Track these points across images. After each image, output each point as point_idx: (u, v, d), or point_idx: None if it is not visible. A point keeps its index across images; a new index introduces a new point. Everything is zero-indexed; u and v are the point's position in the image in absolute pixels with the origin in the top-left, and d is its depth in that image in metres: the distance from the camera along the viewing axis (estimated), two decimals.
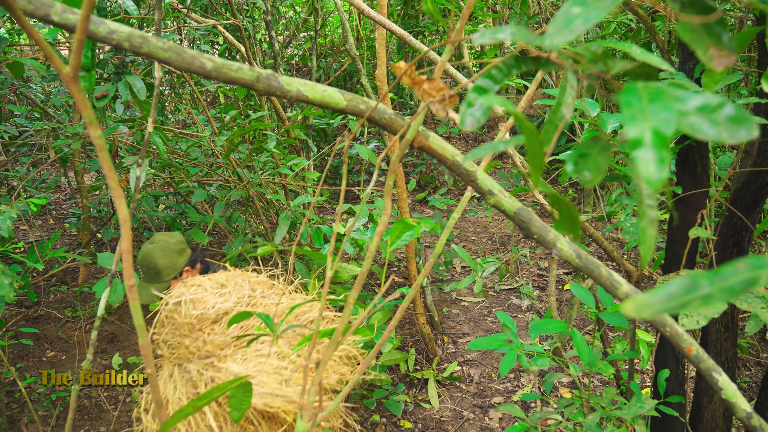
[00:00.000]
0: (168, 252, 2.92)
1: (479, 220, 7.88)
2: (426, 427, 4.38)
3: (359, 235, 3.42)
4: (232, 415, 1.20)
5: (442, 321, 5.52)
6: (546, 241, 1.05)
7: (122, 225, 0.86)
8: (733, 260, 0.46)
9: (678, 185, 2.61)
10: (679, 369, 2.98)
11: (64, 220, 6.92)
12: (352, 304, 1.09)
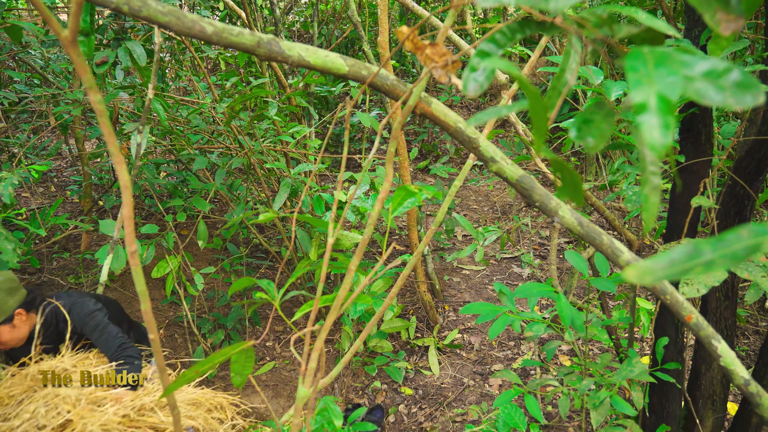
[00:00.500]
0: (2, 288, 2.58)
1: (481, 188, 7.87)
2: (426, 394, 4.43)
3: (361, 203, 3.42)
4: (234, 380, 1.21)
5: (443, 289, 5.55)
6: (548, 208, 1.05)
7: (123, 191, 0.86)
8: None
9: (681, 154, 2.60)
10: (679, 337, 3.00)
11: (66, 187, 6.92)
12: (353, 271, 1.09)
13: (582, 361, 2.81)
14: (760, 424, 3.01)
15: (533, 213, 7.07)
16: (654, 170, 0.55)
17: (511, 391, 2.79)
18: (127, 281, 5.32)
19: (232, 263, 5.06)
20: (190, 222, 6.22)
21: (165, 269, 3.80)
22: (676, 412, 3.14)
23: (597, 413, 2.54)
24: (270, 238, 6.06)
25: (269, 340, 5.01)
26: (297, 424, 1.23)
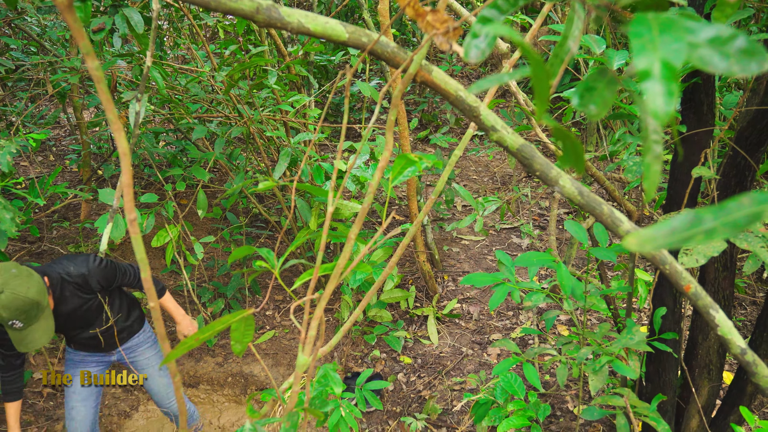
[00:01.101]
0: (23, 280, 2.48)
1: (481, 159, 7.84)
2: (425, 363, 4.46)
3: (360, 172, 3.42)
4: (234, 348, 1.22)
5: (442, 259, 5.57)
6: (548, 178, 1.04)
7: (122, 159, 0.85)
8: None
9: (683, 124, 2.58)
10: (676, 307, 3.01)
11: (65, 156, 6.90)
12: (353, 240, 1.09)
13: (580, 331, 2.83)
14: (755, 393, 3.04)
15: (533, 183, 7.06)
16: (656, 139, 0.55)
17: (510, 360, 2.81)
18: (127, 250, 5.33)
19: (231, 232, 5.07)
20: (190, 191, 6.22)
21: (165, 238, 3.81)
22: (673, 381, 3.17)
23: (596, 379, 2.56)
24: (269, 207, 6.06)
25: (269, 309, 5.04)
26: (297, 392, 1.24)
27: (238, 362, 4.52)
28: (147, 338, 3.22)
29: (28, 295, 2.44)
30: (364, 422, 4.00)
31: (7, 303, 2.39)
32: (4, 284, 2.41)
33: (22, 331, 2.50)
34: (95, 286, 2.84)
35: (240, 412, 4.33)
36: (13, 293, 2.41)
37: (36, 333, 2.52)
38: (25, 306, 2.44)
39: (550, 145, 3.05)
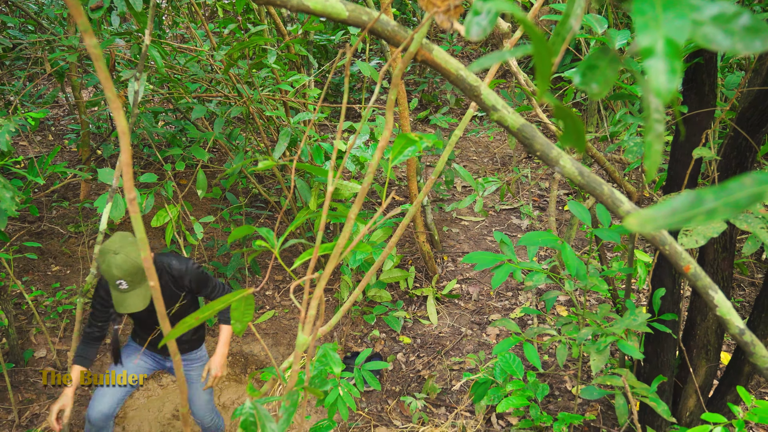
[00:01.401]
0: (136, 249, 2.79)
1: (481, 139, 7.82)
2: (424, 343, 4.48)
3: (360, 153, 3.41)
4: (234, 327, 1.22)
5: (442, 240, 5.57)
6: (549, 158, 1.04)
7: (121, 137, 0.85)
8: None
9: (684, 104, 2.57)
10: (675, 288, 3.02)
11: (64, 136, 6.88)
12: (353, 219, 1.09)
13: (580, 311, 2.84)
14: (752, 373, 3.06)
15: (533, 164, 7.05)
16: (658, 117, 0.54)
17: (510, 340, 2.82)
18: (126, 230, 5.34)
19: (231, 213, 5.07)
20: (189, 171, 6.21)
21: (164, 218, 3.81)
22: (671, 362, 3.19)
23: (598, 359, 2.57)
24: (269, 188, 6.06)
25: (269, 289, 5.05)
26: (297, 371, 1.25)
27: (238, 342, 4.54)
28: (201, 357, 3.41)
29: (137, 261, 2.76)
30: (364, 401, 4.02)
31: (120, 263, 2.71)
32: (120, 247, 2.75)
33: (124, 292, 2.78)
34: (187, 285, 3.07)
35: (240, 391, 4.36)
36: (127, 256, 2.73)
37: (135, 297, 2.79)
38: (134, 270, 2.75)
39: (551, 126, 3.04)
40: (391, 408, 3.95)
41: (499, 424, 3.72)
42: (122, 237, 2.82)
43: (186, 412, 1.14)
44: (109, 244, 2.76)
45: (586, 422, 3.63)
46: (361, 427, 3.81)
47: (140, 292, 2.81)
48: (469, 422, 3.74)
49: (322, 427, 1.85)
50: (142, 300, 2.80)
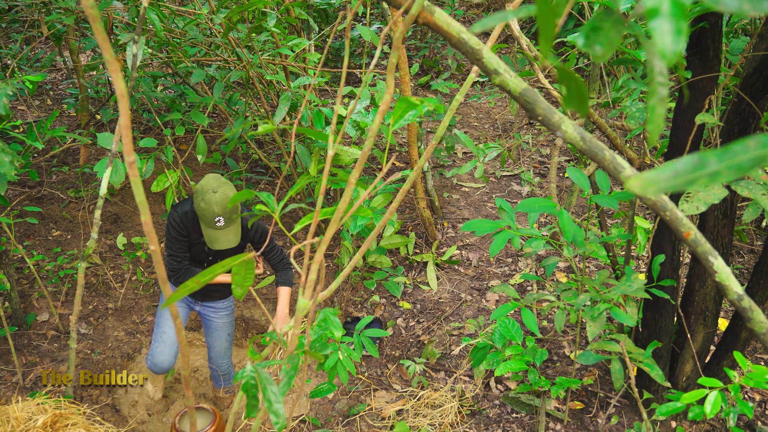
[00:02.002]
0: (231, 188, 2.96)
1: (482, 105, 7.77)
2: (424, 308, 4.51)
3: (361, 118, 3.39)
4: (235, 292, 1.23)
5: (442, 206, 5.57)
6: (551, 122, 1.03)
7: (120, 100, 0.84)
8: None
9: (687, 70, 2.55)
10: (675, 254, 3.03)
11: (62, 100, 6.84)
12: (353, 184, 1.09)
13: (579, 278, 2.86)
14: (749, 339, 3.08)
15: (534, 131, 7.02)
16: (661, 81, 0.54)
17: (509, 305, 2.84)
18: (127, 195, 5.33)
19: (231, 178, 5.06)
20: (189, 137, 6.18)
21: (164, 183, 3.80)
22: (669, 327, 3.21)
23: (594, 326, 2.59)
24: (269, 153, 6.04)
25: None
26: (297, 335, 1.26)
27: (239, 306, 4.57)
28: (228, 306, 3.53)
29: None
30: (364, 365, 4.06)
31: (219, 201, 2.87)
32: (218, 186, 2.92)
33: (220, 229, 2.94)
34: (251, 236, 3.22)
35: (241, 355, 4.40)
36: (225, 194, 2.90)
37: (229, 234, 2.97)
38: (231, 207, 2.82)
39: (553, 92, 3.02)
40: (391, 372, 3.99)
41: (498, 389, 3.76)
42: (216, 177, 2.98)
43: (187, 375, 1.15)
44: (206, 183, 2.93)
45: (583, 387, 3.67)
46: (361, 391, 3.85)
47: (234, 229, 2.97)
48: (468, 386, 3.78)
49: (322, 390, 1.87)
50: (234, 236, 2.97)
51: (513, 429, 3.48)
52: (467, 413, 3.60)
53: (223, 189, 2.91)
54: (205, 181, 2.98)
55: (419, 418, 3.56)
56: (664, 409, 2.34)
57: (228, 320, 3.53)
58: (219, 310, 3.48)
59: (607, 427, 3.44)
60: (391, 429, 3.51)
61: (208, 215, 2.88)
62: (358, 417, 3.64)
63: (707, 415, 2.11)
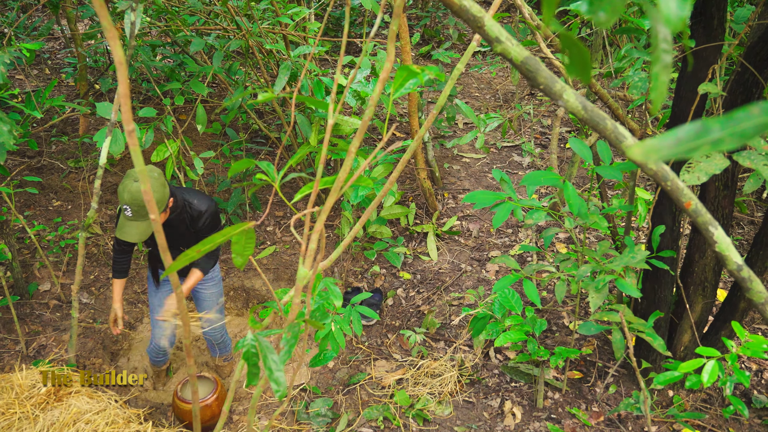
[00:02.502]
0: (158, 185, 2.85)
1: (483, 76, 7.72)
2: (424, 279, 4.53)
3: (361, 87, 3.36)
4: (235, 261, 1.23)
5: (442, 177, 5.56)
6: (552, 91, 1.02)
7: (118, 68, 0.83)
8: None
9: (692, 38, 2.53)
10: (675, 225, 3.03)
11: (60, 70, 6.79)
12: (353, 153, 1.08)
13: (580, 249, 2.86)
14: (747, 310, 3.10)
15: (535, 101, 6.98)
16: (666, 48, 0.53)
17: (510, 276, 2.85)
18: (127, 165, 5.32)
19: (231, 148, 5.05)
20: (189, 106, 6.15)
21: (164, 153, 3.79)
22: (668, 298, 3.23)
23: (596, 296, 2.60)
24: (269, 123, 6.01)
25: (270, 225, 5.07)
26: (298, 304, 1.26)
27: (239, 276, 4.58)
28: (213, 278, 3.53)
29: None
30: (364, 335, 4.09)
31: (134, 191, 2.77)
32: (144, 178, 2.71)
33: (128, 219, 2.85)
34: (201, 225, 3.16)
35: (242, 325, 4.43)
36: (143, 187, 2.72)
37: (135, 228, 2.86)
38: (142, 203, 2.80)
39: (555, 61, 2.99)
40: (391, 342, 4.02)
41: (497, 358, 3.79)
42: (152, 169, 2.90)
43: (189, 343, 1.15)
44: (133, 172, 2.84)
45: (582, 356, 3.70)
46: (362, 360, 3.88)
47: (141, 225, 2.86)
48: (467, 356, 3.81)
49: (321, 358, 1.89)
50: (139, 233, 2.86)
51: (512, 398, 3.52)
52: (466, 382, 3.64)
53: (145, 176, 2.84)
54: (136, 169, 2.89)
55: (419, 387, 3.59)
56: (662, 378, 2.36)
57: (214, 290, 3.55)
58: (205, 281, 3.50)
59: (605, 396, 3.48)
60: (391, 398, 3.55)
61: (120, 200, 2.83)
62: (358, 386, 3.68)
63: (704, 384, 2.13)
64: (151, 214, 0.93)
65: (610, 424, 3.32)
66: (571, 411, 3.39)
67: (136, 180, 2.78)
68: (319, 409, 3.50)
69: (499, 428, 3.34)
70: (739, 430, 3.26)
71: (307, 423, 3.43)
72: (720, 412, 3.32)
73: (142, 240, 2.88)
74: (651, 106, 0.55)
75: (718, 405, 3.36)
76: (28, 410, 2.95)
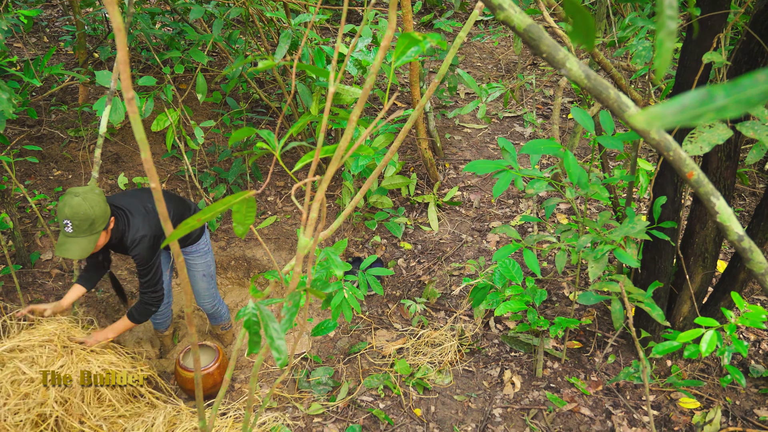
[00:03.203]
0: (99, 201, 2.79)
1: (485, 45, 7.65)
2: (425, 249, 4.54)
3: (362, 56, 3.34)
4: (236, 230, 1.23)
5: (444, 147, 5.55)
6: (555, 60, 1.02)
7: (117, 34, 0.82)
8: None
9: (697, 6, 2.49)
10: (676, 196, 3.03)
11: (59, 38, 6.73)
12: (354, 122, 1.07)
13: (580, 219, 2.86)
14: (747, 280, 3.11)
15: (538, 71, 6.93)
16: (671, 14, 0.52)
17: (510, 246, 2.85)
18: (127, 135, 5.30)
19: (232, 118, 5.03)
20: (188, 75, 6.11)
21: (164, 122, 3.78)
22: (668, 269, 3.24)
23: (596, 266, 2.61)
24: (270, 93, 5.98)
25: (270, 195, 5.07)
26: (299, 273, 1.27)
27: (240, 246, 4.60)
28: (199, 249, 3.54)
29: (90, 212, 2.76)
30: (365, 305, 4.11)
31: (74, 205, 2.72)
32: (83, 192, 2.77)
33: (68, 236, 2.77)
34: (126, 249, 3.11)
35: (243, 294, 4.46)
36: (84, 202, 2.75)
37: (75, 245, 2.78)
38: (83, 217, 2.74)
39: (558, 30, 2.96)
40: (392, 312, 4.04)
41: (497, 328, 3.82)
42: (92, 188, 2.85)
43: (191, 312, 1.16)
44: (76, 188, 2.80)
45: (581, 326, 3.73)
46: (362, 330, 3.91)
47: (81, 242, 2.78)
48: (467, 326, 3.83)
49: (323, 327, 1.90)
50: (81, 249, 2.78)
51: (511, 367, 3.55)
52: (466, 352, 3.66)
53: (87, 197, 2.78)
54: (81, 186, 2.96)
55: (419, 356, 3.62)
56: (661, 348, 2.38)
57: (201, 261, 3.58)
58: (191, 254, 3.53)
59: (604, 366, 3.51)
60: (391, 367, 3.58)
61: (59, 215, 2.76)
62: (359, 355, 3.71)
63: (702, 354, 2.14)
64: (152, 182, 0.92)
65: (608, 393, 3.35)
66: (570, 380, 3.42)
67: (77, 195, 2.75)
68: (320, 378, 3.54)
69: (499, 397, 3.37)
70: (736, 398, 3.29)
71: (308, 391, 3.47)
72: (717, 381, 3.35)
73: (84, 257, 2.81)
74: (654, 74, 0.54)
75: (716, 374, 3.39)
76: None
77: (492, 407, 3.33)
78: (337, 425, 3.26)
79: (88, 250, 2.80)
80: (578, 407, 3.28)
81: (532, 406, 3.31)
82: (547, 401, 3.33)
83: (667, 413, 3.22)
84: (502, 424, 3.23)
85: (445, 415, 3.30)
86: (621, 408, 3.27)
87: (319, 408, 3.34)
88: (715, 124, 1.77)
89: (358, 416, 3.30)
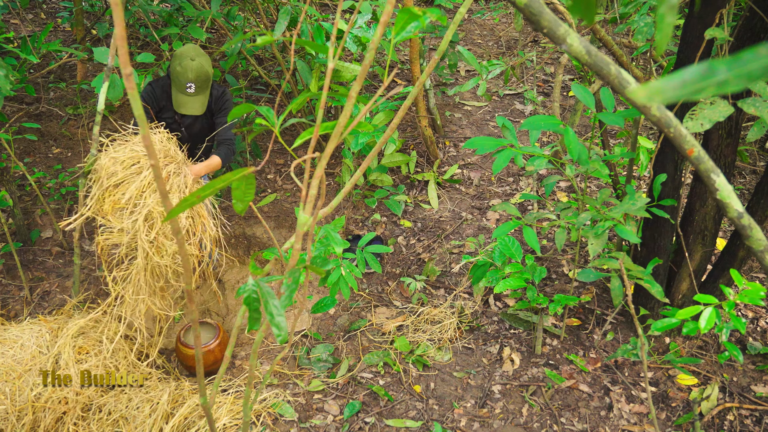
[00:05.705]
0: (209, 59, 3.19)
1: (486, 22, 7.59)
2: (425, 227, 4.54)
3: (362, 33, 3.31)
4: (236, 207, 1.23)
5: (444, 125, 5.53)
6: (556, 35, 1.01)
7: (114, 9, 0.82)
8: None
9: None
10: (677, 174, 3.02)
11: (56, 15, 6.68)
12: (353, 98, 1.07)
13: (580, 197, 2.86)
14: (746, 258, 3.11)
15: (539, 48, 6.88)
16: None
17: (510, 223, 2.85)
18: (126, 113, 5.28)
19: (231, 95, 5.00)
20: None
21: None
22: (667, 246, 3.24)
23: (596, 243, 2.61)
24: (269, 70, 5.94)
25: (270, 173, 5.06)
26: (298, 250, 1.27)
27: (240, 224, 4.60)
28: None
29: (209, 70, 3.20)
30: (365, 282, 4.13)
31: (195, 68, 3.13)
32: (196, 55, 3.16)
33: (189, 95, 3.20)
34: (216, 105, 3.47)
35: (244, 271, 4.46)
36: (201, 64, 3.16)
37: (196, 102, 3.22)
38: (204, 77, 3.18)
39: (559, 6, 2.94)
40: (392, 289, 4.05)
41: (497, 305, 3.83)
42: (196, 48, 3.21)
43: (191, 289, 1.16)
44: (185, 51, 3.16)
45: (580, 304, 3.74)
46: (362, 307, 3.92)
47: (201, 99, 3.23)
48: (467, 303, 3.85)
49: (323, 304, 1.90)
50: (201, 106, 3.23)
51: (511, 344, 3.57)
52: (466, 329, 3.68)
53: (200, 59, 3.14)
54: (185, 48, 3.20)
55: (419, 334, 3.64)
56: (659, 325, 2.39)
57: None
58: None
59: (603, 343, 3.53)
60: (391, 344, 3.60)
61: (181, 79, 3.12)
62: (358, 332, 3.73)
63: (701, 331, 2.15)
64: (150, 159, 0.92)
65: (606, 370, 3.38)
66: (569, 357, 3.44)
67: (193, 58, 3.12)
68: (320, 355, 3.56)
69: (498, 374, 3.40)
70: (734, 375, 3.31)
71: (308, 368, 3.49)
72: (715, 358, 3.37)
73: (203, 112, 3.25)
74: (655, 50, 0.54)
75: (714, 351, 3.41)
76: None
77: (491, 384, 3.35)
78: (338, 402, 3.28)
79: (205, 105, 3.24)
80: (577, 384, 3.31)
81: (531, 383, 3.33)
82: (545, 378, 3.35)
83: (664, 390, 3.25)
84: (501, 401, 3.25)
85: (444, 391, 3.33)
86: (619, 384, 3.29)
87: (319, 385, 3.36)
88: (716, 101, 1.76)
89: (358, 393, 3.33)
